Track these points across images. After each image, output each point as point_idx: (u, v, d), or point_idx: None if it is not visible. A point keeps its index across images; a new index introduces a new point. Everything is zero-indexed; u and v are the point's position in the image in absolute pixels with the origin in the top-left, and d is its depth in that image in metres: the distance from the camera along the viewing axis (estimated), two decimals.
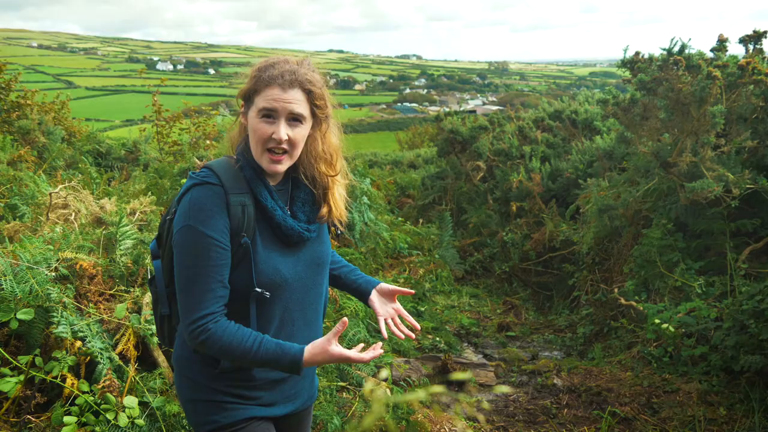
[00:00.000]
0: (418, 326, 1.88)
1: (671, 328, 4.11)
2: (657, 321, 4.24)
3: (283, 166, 1.65)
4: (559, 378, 4.48)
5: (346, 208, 1.86)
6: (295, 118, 1.62)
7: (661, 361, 4.30)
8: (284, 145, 1.62)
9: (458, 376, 0.88)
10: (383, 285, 1.93)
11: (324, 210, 1.76)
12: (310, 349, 1.58)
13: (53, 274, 2.69)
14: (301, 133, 1.65)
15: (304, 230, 1.69)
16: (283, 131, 1.60)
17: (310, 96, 1.64)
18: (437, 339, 5.37)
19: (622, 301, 4.90)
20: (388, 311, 1.90)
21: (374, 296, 1.92)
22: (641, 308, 4.59)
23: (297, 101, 1.61)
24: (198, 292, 1.56)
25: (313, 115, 1.68)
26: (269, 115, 1.61)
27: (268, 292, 1.62)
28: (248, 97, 1.65)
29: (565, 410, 3.99)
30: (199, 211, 1.57)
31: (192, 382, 1.72)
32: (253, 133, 1.64)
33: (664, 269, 4.86)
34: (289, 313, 1.72)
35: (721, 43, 4.97)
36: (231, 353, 1.56)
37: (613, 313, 5.34)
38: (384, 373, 1.92)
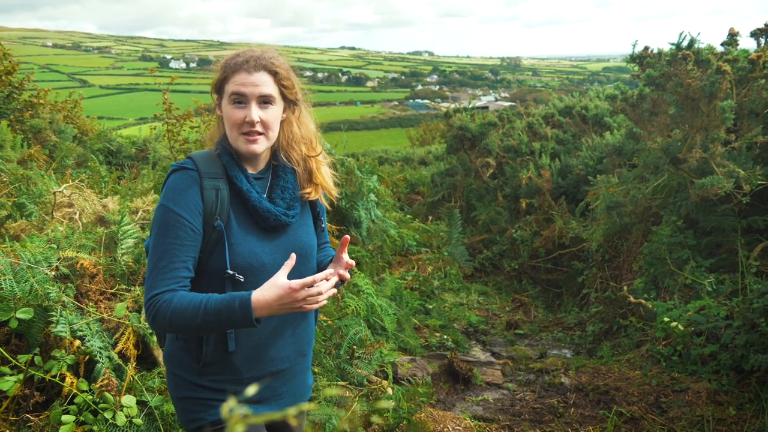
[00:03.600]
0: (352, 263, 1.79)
1: (680, 327, 4.04)
2: (666, 319, 4.18)
3: (260, 146, 1.69)
4: (567, 377, 4.43)
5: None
6: (265, 100, 1.68)
7: (670, 359, 4.24)
8: (258, 128, 1.66)
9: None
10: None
11: (309, 189, 1.80)
12: (260, 288, 1.51)
13: (53, 273, 2.69)
14: (273, 113, 1.70)
15: (281, 214, 1.70)
16: (255, 113, 1.65)
17: (277, 77, 1.69)
18: (445, 337, 5.34)
19: (632, 298, 4.84)
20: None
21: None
22: (650, 306, 4.53)
23: (264, 83, 1.66)
24: (160, 269, 1.55)
25: (283, 97, 1.73)
26: (240, 100, 1.66)
27: (243, 275, 1.62)
28: (219, 88, 1.71)
29: (572, 409, 3.95)
30: (173, 192, 1.61)
31: (179, 379, 1.72)
32: (227, 120, 1.68)
33: (674, 267, 4.79)
34: None
35: (732, 37, 4.87)
36: (179, 318, 1.49)
37: (622, 311, 5.29)
38: (251, 389, 1.86)
